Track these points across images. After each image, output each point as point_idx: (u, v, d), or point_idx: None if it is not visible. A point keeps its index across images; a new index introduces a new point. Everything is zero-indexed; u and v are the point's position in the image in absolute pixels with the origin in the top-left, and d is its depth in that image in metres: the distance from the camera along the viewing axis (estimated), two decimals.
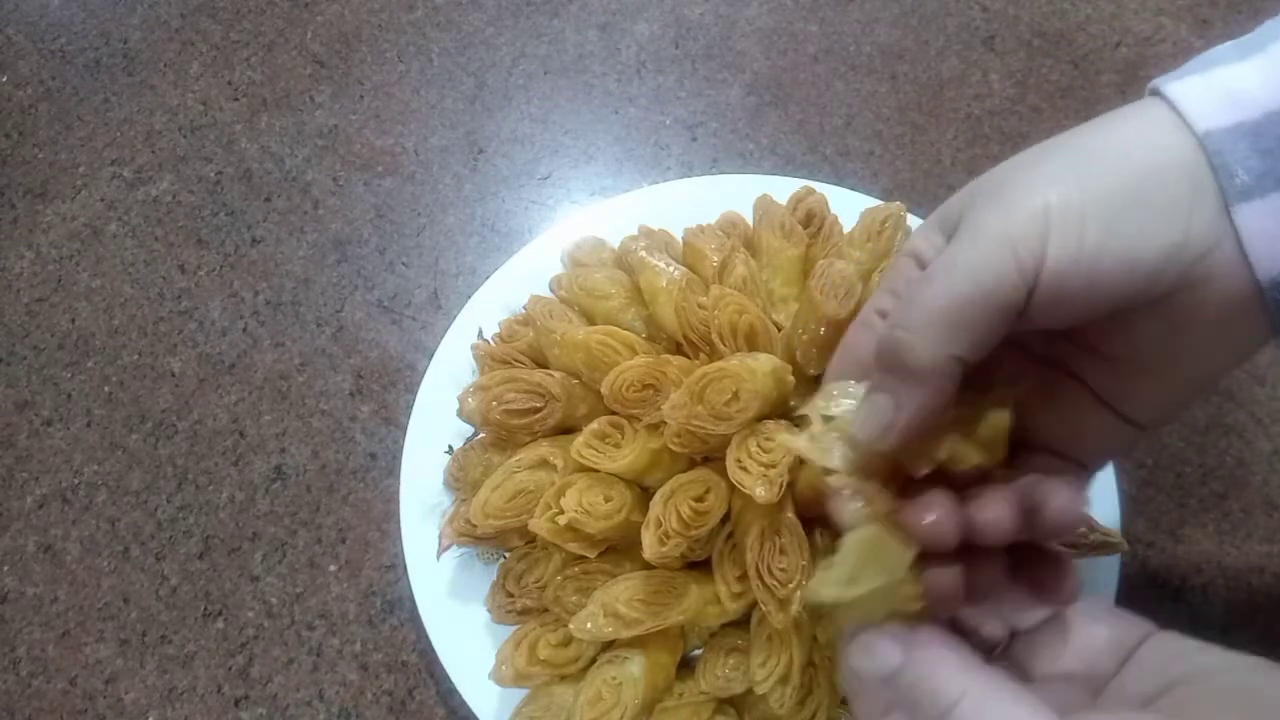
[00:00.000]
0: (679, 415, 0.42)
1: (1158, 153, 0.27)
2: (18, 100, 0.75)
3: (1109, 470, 0.50)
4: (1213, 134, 0.27)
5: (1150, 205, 0.27)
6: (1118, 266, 0.27)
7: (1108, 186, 0.27)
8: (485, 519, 0.46)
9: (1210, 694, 0.25)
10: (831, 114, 0.69)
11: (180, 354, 0.63)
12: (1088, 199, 0.27)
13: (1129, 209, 0.27)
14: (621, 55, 0.73)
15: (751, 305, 0.46)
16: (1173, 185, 0.27)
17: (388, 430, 0.59)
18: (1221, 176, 0.26)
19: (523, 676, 0.45)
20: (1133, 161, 0.27)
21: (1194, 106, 0.27)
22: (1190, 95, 0.28)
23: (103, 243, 0.68)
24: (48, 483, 0.59)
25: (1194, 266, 0.27)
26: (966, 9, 0.73)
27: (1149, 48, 0.70)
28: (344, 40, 0.75)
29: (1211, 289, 0.27)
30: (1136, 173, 0.27)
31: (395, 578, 0.54)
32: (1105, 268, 0.27)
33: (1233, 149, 0.26)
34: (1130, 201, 0.27)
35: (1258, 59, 0.28)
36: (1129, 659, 0.28)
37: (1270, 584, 0.52)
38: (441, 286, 0.64)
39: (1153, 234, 0.27)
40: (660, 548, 0.42)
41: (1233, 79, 0.28)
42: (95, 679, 0.53)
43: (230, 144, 0.71)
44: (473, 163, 0.69)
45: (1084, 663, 0.29)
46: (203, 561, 0.56)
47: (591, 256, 0.56)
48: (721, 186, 0.60)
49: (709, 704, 0.45)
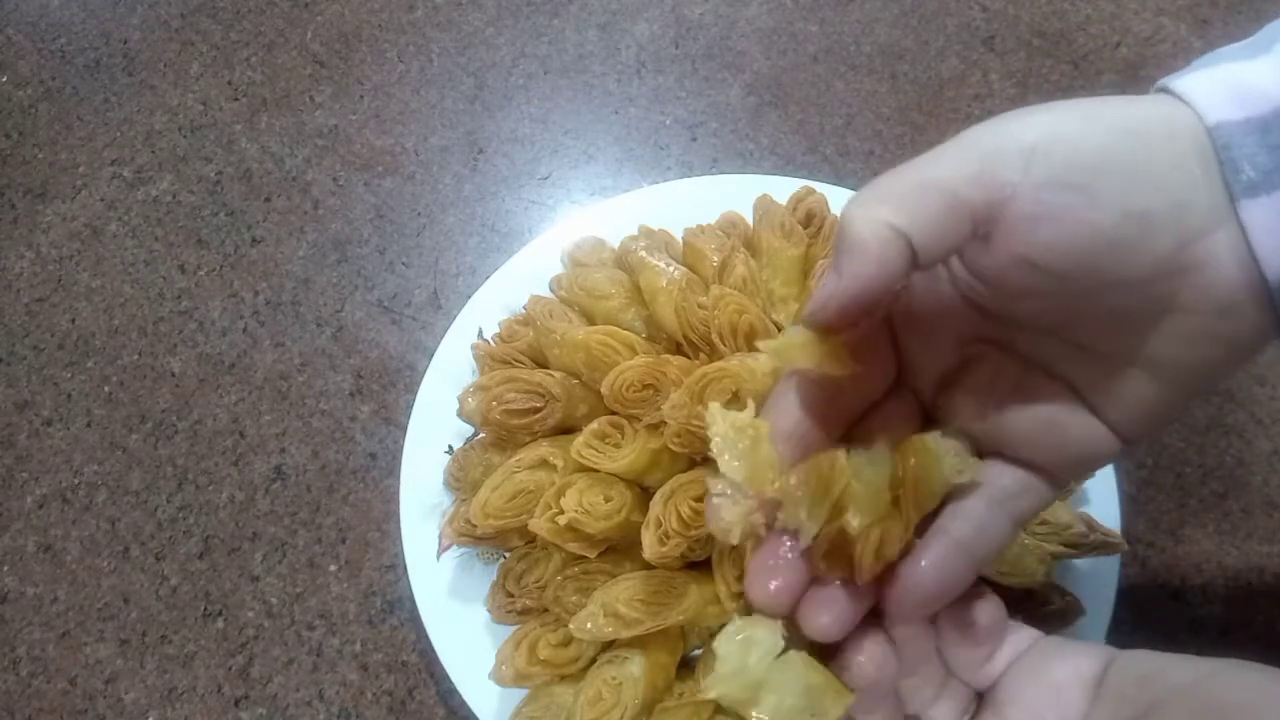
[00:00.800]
0: (679, 415, 0.42)
1: (1169, 123, 0.26)
2: (18, 100, 0.75)
3: (1109, 470, 0.50)
4: (1223, 126, 0.26)
5: (1155, 156, 0.26)
6: (1109, 202, 0.25)
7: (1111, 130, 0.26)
8: (485, 519, 0.46)
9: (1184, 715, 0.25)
10: (831, 114, 0.69)
11: (180, 354, 0.63)
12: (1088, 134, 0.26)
13: (1130, 151, 0.26)
14: (621, 55, 0.73)
15: (751, 305, 0.46)
16: (1181, 153, 0.26)
17: (388, 430, 0.59)
18: (1228, 171, 0.26)
19: (523, 676, 0.45)
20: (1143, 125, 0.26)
21: (1204, 99, 0.26)
22: (1199, 89, 0.27)
23: (103, 243, 0.68)
24: (48, 483, 0.59)
25: (1194, 245, 0.26)
26: (966, 9, 0.73)
27: (1149, 48, 0.70)
28: (344, 40, 0.75)
29: (1211, 275, 0.26)
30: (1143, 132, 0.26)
31: (395, 578, 0.54)
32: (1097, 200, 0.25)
33: (1241, 143, 0.26)
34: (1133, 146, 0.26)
35: (1266, 58, 0.27)
36: (1100, 690, 0.28)
37: (1270, 584, 0.52)
38: (441, 286, 0.64)
39: (1154, 180, 0.26)
40: (660, 548, 0.42)
41: (1243, 74, 0.27)
42: (95, 679, 0.53)
43: (230, 144, 0.71)
44: (473, 163, 0.69)
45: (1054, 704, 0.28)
46: (203, 561, 0.56)
47: (591, 256, 0.56)
48: (721, 186, 0.60)
49: (709, 704, 0.45)
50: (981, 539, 0.29)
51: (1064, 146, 0.26)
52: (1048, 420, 0.30)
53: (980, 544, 0.29)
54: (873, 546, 0.27)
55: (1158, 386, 0.28)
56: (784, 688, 0.28)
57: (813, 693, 0.28)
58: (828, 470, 0.28)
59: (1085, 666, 0.28)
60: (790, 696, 0.28)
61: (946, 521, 0.29)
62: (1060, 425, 0.30)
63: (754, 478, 0.28)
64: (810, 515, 0.28)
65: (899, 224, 0.26)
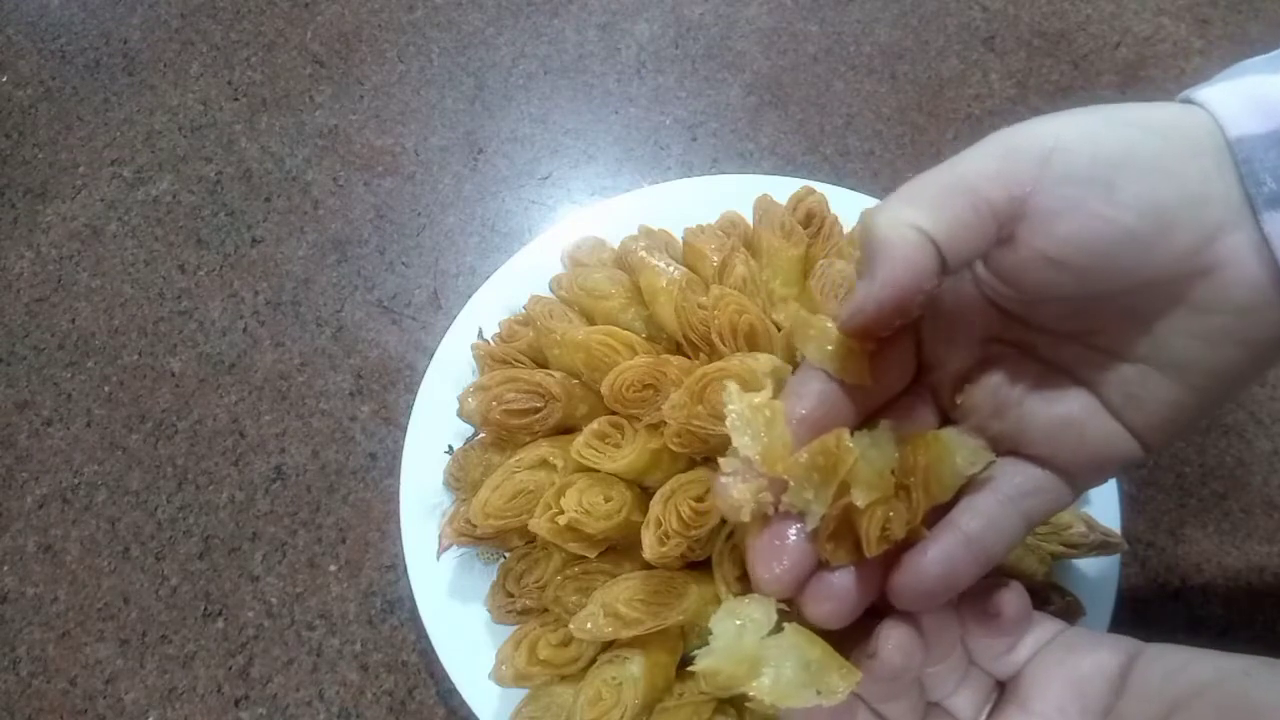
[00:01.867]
0: (679, 415, 0.42)
1: (1189, 126, 0.27)
2: (18, 100, 0.75)
3: None
4: (1244, 140, 0.26)
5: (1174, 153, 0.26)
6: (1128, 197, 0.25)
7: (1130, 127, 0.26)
8: (485, 519, 0.46)
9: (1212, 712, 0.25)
10: (831, 114, 0.69)
11: (180, 354, 0.63)
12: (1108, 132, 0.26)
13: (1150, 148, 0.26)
14: (621, 55, 0.73)
15: (751, 305, 0.46)
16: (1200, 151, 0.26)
17: (388, 430, 0.59)
18: (1249, 183, 0.26)
19: (523, 676, 0.45)
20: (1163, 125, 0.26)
21: (1226, 111, 0.27)
22: (1222, 100, 0.27)
23: (103, 243, 0.68)
24: (48, 483, 0.59)
25: (1214, 244, 0.26)
26: (966, 9, 0.73)
27: (1149, 48, 0.70)
28: (344, 40, 0.75)
29: (1232, 275, 0.26)
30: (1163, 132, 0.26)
31: (395, 578, 0.54)
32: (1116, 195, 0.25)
33: (1263, 157, 0.26)
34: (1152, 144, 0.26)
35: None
36: (1125, 685, 0.27)
37: (1270, 584, 0.52)
38: (441, 286, 0.64)
39: (1173, 176, 0.26)
40: (660, 548, 0.42)
41: (1266, 87, 0.27)
42: (95, 679, 0.53)
43: (230, 144, 0.71)
44: (473, 163, 0.69)
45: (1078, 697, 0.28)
46: (203, 561, 0.56)
47: (591, 256, 0.56)
48: (721, 186, 0.60)
49: (709, 704, 0.45)
50: (991, 534, 0.29)
51: (1084, 143, 0.26)
52: (1066, 419, 0.30)
53: (990, 539, 0.29)
54: (879, 523, 0.27)
55: (1179, 390, 0.28)
56: (781, 660, 0.27)
57: (813, 667, 0.27)
58: (834, 449, 0.28)
59: (1109, 660, 0.28)
60: (788, 669, 0.27)
61: (957, 515, 0.29)
62: (1079, 425, 0.30)
63: (767, 456, 0.28)
64: (817, 496, 0.28)
65: (925, 226, 0.26)
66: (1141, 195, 0.25)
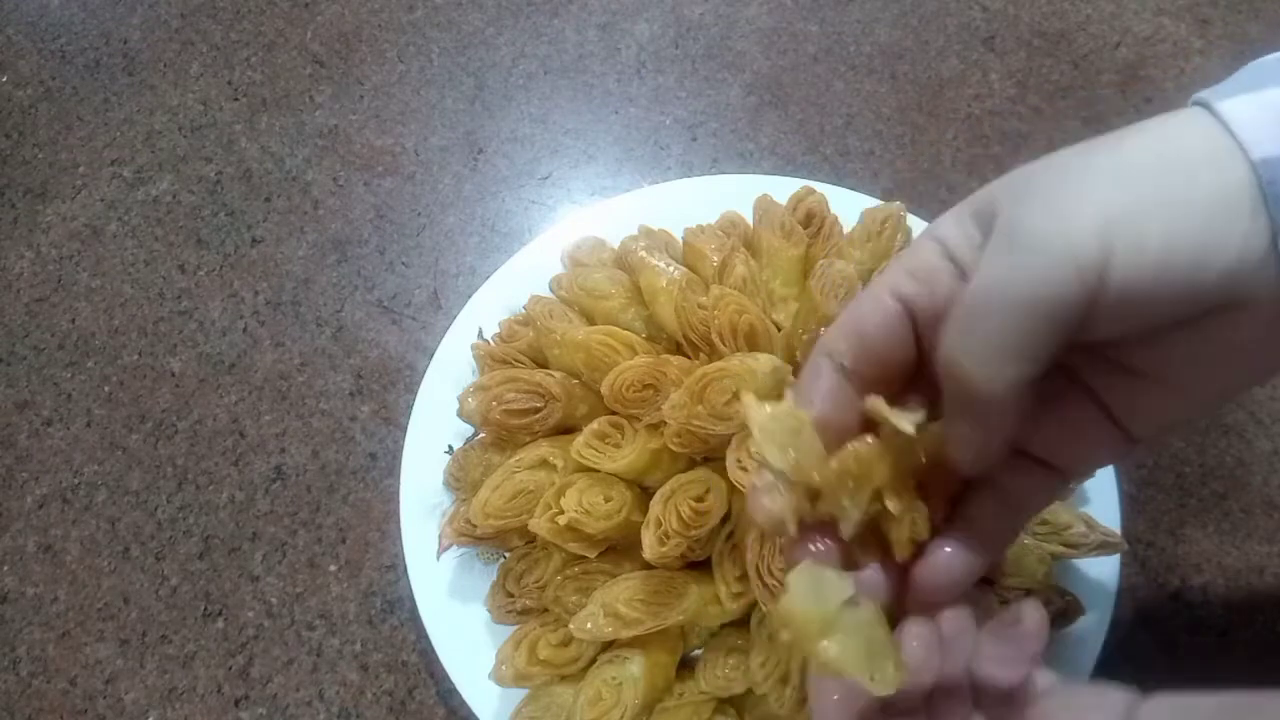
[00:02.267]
0: (679, 415, 0.42)
1: (1220, 172, 0.26)
2: (18, 100, 0.75)
3: (1109, 470, 0.50)
4: (1269, 162, 0.25)
5: (1213, 222, 0.25)
6: (1180, 282, 0.25)
7: (1168, 199, 0.26)
8: (485, 519, 0.46)
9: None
10: (831, 114, 0.69)
11: (180, 354, 0.63)
12: (1150, 211, 0.25)
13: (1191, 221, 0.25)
14: (621, 55, 0.73)
15: (751, 305, 0.46)
16: (1235, 205, 0.26)
17: (388, 430, 0.59)
18: (1273, 207, 0.25)
19: (523, 676, 0.45)
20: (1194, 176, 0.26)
21: (1249, 132, 0.26)
22: (1243, 117, 0.26)
23: (103, 243, 0.68)
24: (48, 483, 0.59)
25: (1243, 285, 0.26)
26: (966, 9, 0.73)
27: (1149, 48, 0.70)
28: (344, 40, 0.75)
29: (1255, 309, 0.26)
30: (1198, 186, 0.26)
31: (395, 578, 0.54)
32: (1167, 282, 0.25)
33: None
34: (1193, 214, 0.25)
35: None
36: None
37: (1270, 584, 0.52)
38: (441, 286, 0.64)
39: (1216, 249, 0.25)
40: (660, 548, 0.42)
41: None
42: (95, 679, 0.53)
43: (230, 144, 0.71)
44: (473, 163, 0.69)
45: None
46: (203, 561, 0.56)
47: (591, 256, 0.56)
48: (721, 186, 0.60)
49: (709, 704, 0.45)
50: (995, 531, 0.30)
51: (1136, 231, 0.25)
52: (1064, 423, 0.30)
53: (993, 536, 0.30)
54: (908, 526, 0.29)
55: (1182, 404, 0.29)
56: (854, 632, 0.28)
57: (875, 648, 0.28)
58: (868, 457, 0.28)
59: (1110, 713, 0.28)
60: (856, 643, 0.28)
61: (962, 511, 0.31)
62: (1079, 429, 0.30)
63: (800, 467, 0.29)
64: (854, 502, 0.29)
65: (1025, 378, 0.26)
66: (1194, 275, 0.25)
